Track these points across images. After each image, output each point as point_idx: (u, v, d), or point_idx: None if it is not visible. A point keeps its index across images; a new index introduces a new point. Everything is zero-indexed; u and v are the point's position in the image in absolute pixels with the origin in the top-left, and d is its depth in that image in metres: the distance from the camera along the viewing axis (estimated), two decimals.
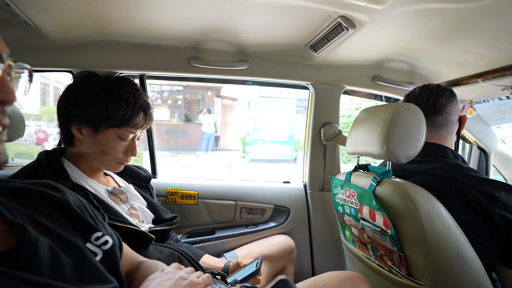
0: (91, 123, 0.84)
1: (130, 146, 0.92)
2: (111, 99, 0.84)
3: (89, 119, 0.84)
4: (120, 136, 0.88)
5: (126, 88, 0.87)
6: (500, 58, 1.13)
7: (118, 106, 0.84)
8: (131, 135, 0.90)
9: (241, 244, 1.38)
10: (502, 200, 0.73)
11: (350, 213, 0.97)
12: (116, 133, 0.87)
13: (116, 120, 0.85)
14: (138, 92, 0.91)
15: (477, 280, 0.71)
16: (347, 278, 0.83)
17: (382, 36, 1.08)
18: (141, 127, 0.92)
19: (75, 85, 0.87)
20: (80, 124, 0.85)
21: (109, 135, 0.87)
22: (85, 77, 0.88)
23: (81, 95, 0.84)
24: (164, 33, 1.16)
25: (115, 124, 0.86)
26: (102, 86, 0.85)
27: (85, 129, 0.85)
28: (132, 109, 0.87)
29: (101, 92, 0.84)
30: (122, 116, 0.85)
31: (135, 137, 0.93)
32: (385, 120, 0.81)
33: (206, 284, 0.49)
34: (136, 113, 0.88)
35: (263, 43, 1.24)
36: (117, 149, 0.89)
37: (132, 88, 0.89)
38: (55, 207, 0.48)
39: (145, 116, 0.92)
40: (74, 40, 1.16)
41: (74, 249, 0.44)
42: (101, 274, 0.45)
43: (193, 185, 1.44)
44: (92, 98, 0.83)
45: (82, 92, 0.84)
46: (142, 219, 0.97)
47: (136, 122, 0.89)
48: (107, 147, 0.87)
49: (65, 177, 0.82)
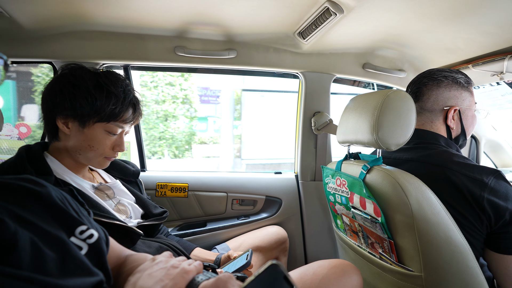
0: (78, 116, 0.81)
1: (118, 141, 0.90)
2: (100, 93, 0.81)
3: (76, 113, 0.81)
4: (108, 130, 0.85)
5: (116, 82, 0.85)
6: (489, 42, 1.12)
7: (107, 101, 0.82)
8: (119, 129, 0.88)
9: (233, 236, 1.38)
10: (491, 186, 0.73)
11: (341, 202, 0.96)
12: (104, 127, 0.85)
13: (105, 114, 0.82)
14: (128, 87, 0.88)
15: (466, 264, 0.72)
16: (337, 266, 0.83)
17: (371, 21, 1.06)
18: (130, 122, 0.90)
19: (62, 77, 0.83)
20: (67, 118, 0.82)
21: (97, 130, 0.84)
22: (73, 70, 0.84)
23: (68, 87, 0.80)
24: (147, 21, 1.12)
25: (104, 119, 0.83)
26: (90, 80, 0.82)
27: (71, 123, 0.82)
28: (122, 104, 0.84)
29: (90, 85, 0.81)
30: (111, 111, 0.83)
31: (123, 132, 0.91)
32: (375, 107, 0.80)
33: (198, 271, 0.49)
34: (125, 108, 0.86)
35: (251, 31, 1.21)
36: (105, 144, 0.86)
37: (122, 83, 0.87)
38: (36, 201, 0.47)
39: (134, 111, 0.90)
40: (52, 30, 1.11)
41: (57, 242, 0.43)
42: (86, 267, 0.44)
43: (183, 178, 1.41)
44: (80, 91, 0.80)
45: (69, 85, 0.81)
46: (130, 215, 0.95)
47: (125, 117, 0.87)
48: (94, 142, 0.84)
49: (47, 172, 0.79)
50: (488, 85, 1.46)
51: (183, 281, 0.44)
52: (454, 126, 0.94)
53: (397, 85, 1.57)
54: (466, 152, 1.94)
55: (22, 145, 0.85)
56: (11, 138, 1.36)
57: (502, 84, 1.40)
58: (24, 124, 1.36)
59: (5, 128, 1.34)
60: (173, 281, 0.43)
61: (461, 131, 0.95)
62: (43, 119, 0.86)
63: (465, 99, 0.94)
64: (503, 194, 0.73)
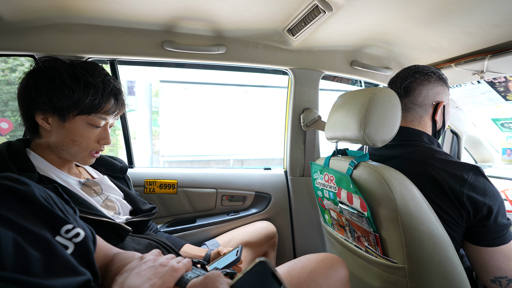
0: (57, 111, 0.78)
1: (102, 134, 0.87)
2: (77, 84, 0.78)
3: (54, 107, 0.78)
4: (90, 123, 0.83)
5: (93, 72, 0.82)
6: (471, 42, 1.16)
7: (85, 92, 0.79)
8: (102, 121, 0.85)
9: (223, 231, 1.38)
10: (470, 182, 0.76)
11: (329, 197, 0.98)
12: (86, 120, 0.82)
13: (84, 107, 0.80)
14: (107, 77, 0.85)
15: (447, 256, 0.75)
16: (324, 260, 0.85)
17: (359, 19, 1.07)
18: (113, 113, 0.87)
19: (36, 71, 0.80)
20: (46, 113, 0.79)
21: (78, 123, 0.81)
22: (47, 62, 0.81)
23: (43, 81, 0.78)
24: (135, 15, 1.09)
25: (84, 111, 0.80)
26: (66, 71, 0.79)
27: (51, 118, 0.80)
28: (102, 94, 0.82)
29: (65, 77, 0.78)
30: (90, 103, 0.80)
31: (107, 124, 0.88)
32: (362, 105, 0.82)
33: (186, 269, 0.49)
34: (106, 99, 0.83)
35: (240, 27, 1.20)
36: (88, 138, 0.84)
37: (100, 72, 0.84)
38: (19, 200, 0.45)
39: (116, 102, 0.87)
40: (35, 22, 1.07)
41: (41, 242, 0.42)
42: (72, 267, 0.43)
43: (172, 174, 1.40)
44: (56, 83, 0.77)
45: (44, 78, 0.78)
46: (118, 211, 0.94)
47: (106, 109, 0.84)
48: (76, 136, 0.82)
49: (30, 169, 0.77)
50: (470, 84, 1.52)
51: (172, 279, 0.44)
52: (439, 120, 0.97)
53: (383, 82, 1.60)
54: (448, 148, 2.01)
55: (3, 142, 0.83)
56: None
57: (483, 83, 1.45)
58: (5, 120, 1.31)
59: None
60: (161, 280, 0.43)
61: (442, 125, 0.99)
62: (21, 116, 0.83)
63: (447, 94, 0.98)
64: (481, 189, 0.76)
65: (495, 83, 1.41)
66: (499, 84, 1.40)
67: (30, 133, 0.84)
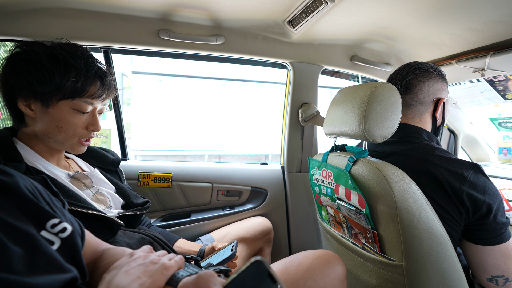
0: (39, 96, 0.74)
1: (91, 120, 0.82)
2: (57, 66, 0.74)
3: (35, 92, 0.74)
4: (75, 108, 0.78)
5: (75, 53, 0.77)
6: (474, 39, 1.14)
7: (66, 74, 0.74)
8: (89, 106, 0.80)
9: (218, 226, 1.37)
10: (470, 180, 0.76)
11: (326, 193, 0.96)
12: (70, 105, 0.77)
13: (66, 90, 0.75)
14: (91, 59, 0.80)
15: (445, 254, 0.74)
16: (321, 257, 0.83)
17: (361, 12, 1.05)
18: (100, 97, 0.82)
19: (14, 55, 0.75)
20: (28, 99, 0.75)
21: (62, 108, 0.77)
22: (25, 45, 0.76)
23: (20, 64, 0.73)
24: (130, 1, 1.05)
25: (67, 95, 0.76)
26: (44, 53, 0.74)
27: (34, 104, 0.76)
28: (85, 77, 0.77)
29: (44, 59, 0.73)
30: (73, 86, 0.75)
31: (95, 110, 0.83)
32: (363, 100, 0.80)
33: (178, 266, 0.46)
34: (90, 82, 0.78)
35: (239, 17, 1.17)
36: (74, 124, 0.79)
37: (82, 54, 0.79)
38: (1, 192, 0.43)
39: (103, 85, 0.82)
40: (23, 5, 1.02)
41: (24, 237, 0.40)
42: (57, 263, 0.41)
43: (166, 168, 1.38)
44: (34, 66, 0.73)
45: (21, 61, 0.74)
46: (110, 205, 0.91)
47: (91, 92, 0.79)
48: (61, 123, 0.77)
49: (18, 159, 0.73)
50: (469, 82, 1.51)
51: (163, 277, 0.42)
52: (439, 117, 0.96)
53: (383, 78, 1.59)
54: (445, 146, 2.01)
55: None
56: None
57: (482, 81, 1.44)
58: None
59: None
60: (151, 278, 0.41)
61: (441, 122, 0.98)
62: (4, 104, 0.78)
63: (446, 91, 0.97)
64: (481, 187, 0.75)
65: (495, 82, 1.40)
66: (498, 82, 1.39)
67: (15, 121, 0.80)
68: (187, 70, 5.42)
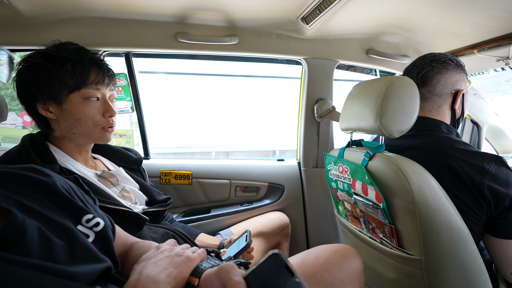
0: (51, 96, 0.80)
1: (104, 107, 0.87)
2: (53, 62, 0.79)
3: (45, 93, 0.80)
4: (85, 97, 0.83)
5: (65, 47, 0.82)
6: (497, 27, 1.09)
7: (63, 66, 0.79)
8: (97, 92, 0.85)
9: (237, 221, 1.40)
10: (492, 172, 0.74)
11: (343, 188, 0.97)
12: (79, 95, 0.82)
13: (70, 81, 0.80)
14: (82, 50, 0.85)
15: (465, 248, 0.73)
16: (338, 251, 0.84)
17: (376, 5, 1.03)
18: (103, 83, 0.86)
19: (18, 67, 0.82)
20: (44, 103, 0.81)
21: (74, 101, 0.82)
22: (24, 56, 0.83)
23: (24, 73, 0.80)
24: (148, 7, 1.09)
25: (72, 87, 0.81)
26: (40, 56, 0.80)
27: (50, 106, 0.82)
28: (81, 65, 0.81)
29: (41, 60, 0.79)
30: (73, 75, 0.80)
31: (104, 96, 0.87)
32: (379, 94, 0.79)
33: (201, 259, 0.50)
34: (87, 69, 0.82)
35: (253, 16, 1.18)
36: (90, 113, 0.84)
37: (72, 46, 0.84)
38: (42, 191, 0.47)
39: (101, 69, 0.85)
40: (52, 16, 1.09)
41: (64, 231, 0.43)
42: (93, 254, 0.45)
43: (186, 165, 1.43)
44: (35, 70, 0.79)
45: (24, 70, 0.80)
46: (135, 201, 0.97)
47: (92, 78, 0.83)
48: (78, 115, 0.82)
49: (52, 161, 0.80)
50: (492, 71, 1.44)
51: (188, 269, 0.45)
52: (459, 109, 0.94)
53: (400, 71, 1.55)
54: (468, 138, 1.94)
55: (25, 134, 0.86)
56: (16, 127, 1.36)
57: (507, 70, 1.38)
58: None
59: (9, 117, 1.34)
60: (177, 269, 0.44)
61: (461, 114, 0.96)
62: (28, 115, 0.85)
63: (466, 82, 0.94)
64: (504, 180, 0.74)
65: None
66: None
67: (42, 128, 0.87)
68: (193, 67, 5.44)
